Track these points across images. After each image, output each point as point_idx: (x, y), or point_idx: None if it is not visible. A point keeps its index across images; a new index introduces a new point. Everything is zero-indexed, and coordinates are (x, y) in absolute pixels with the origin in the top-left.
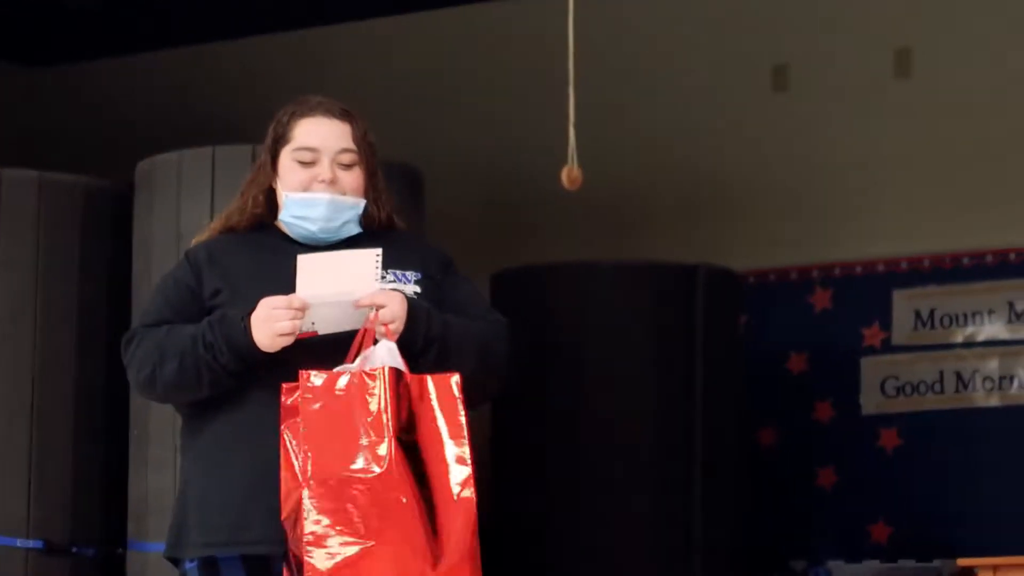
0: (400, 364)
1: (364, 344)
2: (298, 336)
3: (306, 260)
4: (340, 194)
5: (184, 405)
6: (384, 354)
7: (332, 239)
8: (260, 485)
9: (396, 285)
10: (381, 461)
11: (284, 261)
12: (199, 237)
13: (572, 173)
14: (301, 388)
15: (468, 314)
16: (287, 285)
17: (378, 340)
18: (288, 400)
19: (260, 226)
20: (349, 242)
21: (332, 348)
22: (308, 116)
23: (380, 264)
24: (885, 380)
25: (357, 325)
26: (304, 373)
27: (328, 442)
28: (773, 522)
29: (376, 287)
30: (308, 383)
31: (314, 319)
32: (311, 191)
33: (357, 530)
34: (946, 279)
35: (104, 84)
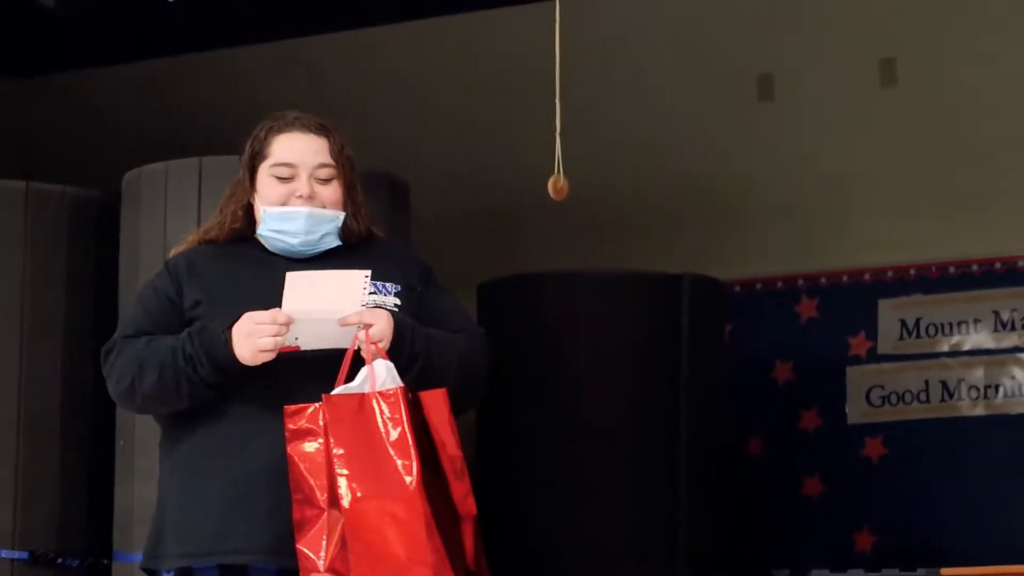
0: (400, 382)
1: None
2: (281, 350)
3: (295, 277)
4: (319, 207)
5: (163, 416)
6: (383, 373)
7: (312, 252)
8: (241, 497)
9: (377, 298)
10: (411, 482)
11: (264, 274)
12: (177, 249)
13: (558, 183)
14: (327, 410)
15: (448, 326)
16: (267, 297)
17: (363, 358)
18: (295, 425)
19: (240, 239)
20: (328, 254)
21: (318, 364)
22: (285, 132)
23: (368, 284)
24: (871, 389)
25: (340, 343)
26: (327, 397)
27: (362, 465)
28: (758, 530)
29: (361, 306)
30: (328, 407)
31: (297, 334)
32: (289, 206)
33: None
34: (932, 288)
35: (91, 94)
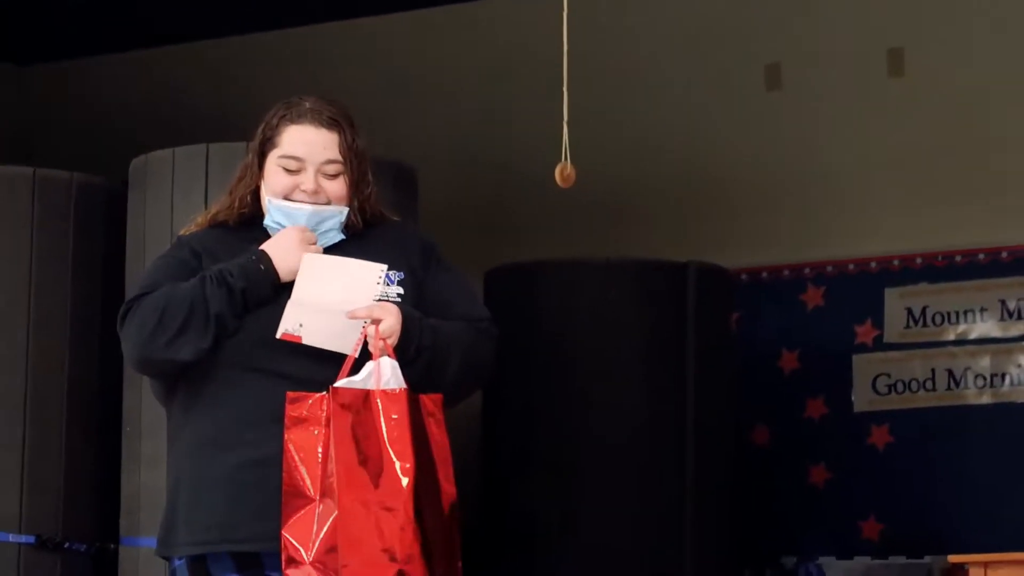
0: (403, 382)
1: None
2: (283, 338)
3: (311, 260)
4: (323, 202)
5: (171, 402)
6: (388, 372)
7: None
8: (249, 484)
9: (381, 288)
10: (406, 484)
11: None
12: (188, 229)
13: (565, 171)
14: (330, 402)
15: (452, 310)
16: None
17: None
18: (296, 413)
19: (249, 222)
20: (332, 249)
21: (324, 355)
22: (296, 123)
23: (383, 279)
24: (877, 378)
25: (343, 348)
26: (334, 388)
27: (359, 460)
28: (765, 519)
29: (372, 299)
30: (335, 399)
31: (303, 322)
32: (293, 198)
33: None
34: (938, 277)
35: (98, 81)
